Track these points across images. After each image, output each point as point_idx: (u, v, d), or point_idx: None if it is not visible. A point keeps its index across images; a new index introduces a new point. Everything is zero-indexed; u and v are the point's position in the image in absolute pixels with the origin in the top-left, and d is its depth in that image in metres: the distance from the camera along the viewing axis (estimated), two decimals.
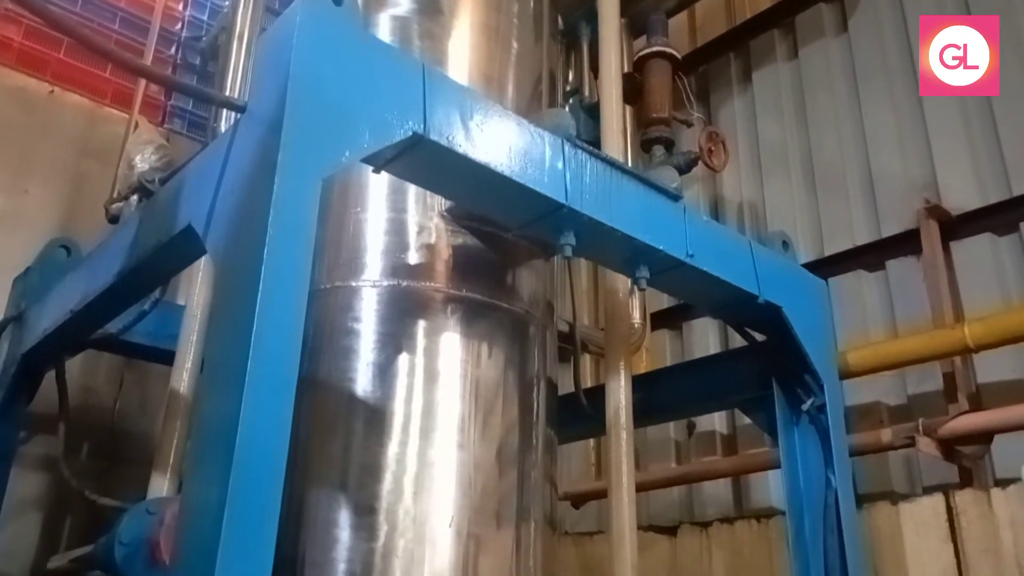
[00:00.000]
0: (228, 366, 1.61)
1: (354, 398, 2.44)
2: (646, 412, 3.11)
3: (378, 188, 2.69)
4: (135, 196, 3.18)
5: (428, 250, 2.64)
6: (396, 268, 2.60)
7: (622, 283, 2.97)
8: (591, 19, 3.71)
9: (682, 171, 3.38)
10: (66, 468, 3.19)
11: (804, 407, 2.94)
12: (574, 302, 3.45)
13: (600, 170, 2.37)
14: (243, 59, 3.51)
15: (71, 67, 4.64)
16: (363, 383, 2.46)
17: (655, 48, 3.72)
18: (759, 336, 3.07)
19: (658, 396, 3.47)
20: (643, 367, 4.06)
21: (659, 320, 4.68)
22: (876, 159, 4.12)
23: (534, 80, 3.24)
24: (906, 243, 3.85)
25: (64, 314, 2.82)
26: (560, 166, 2.26)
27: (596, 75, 3.62)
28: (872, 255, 4.03)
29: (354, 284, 2.59)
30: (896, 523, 3.40)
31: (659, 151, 3.57)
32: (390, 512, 2.31)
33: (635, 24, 4.20)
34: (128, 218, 2.91)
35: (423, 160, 2.05)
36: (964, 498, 3.26)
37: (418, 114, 1.95)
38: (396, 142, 1.92)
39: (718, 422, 4.42)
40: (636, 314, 3.81)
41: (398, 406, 2.44)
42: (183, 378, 2.88)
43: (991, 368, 3.42)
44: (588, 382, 3.82)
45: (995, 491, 3.20)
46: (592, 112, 3.54)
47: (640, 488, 2.91)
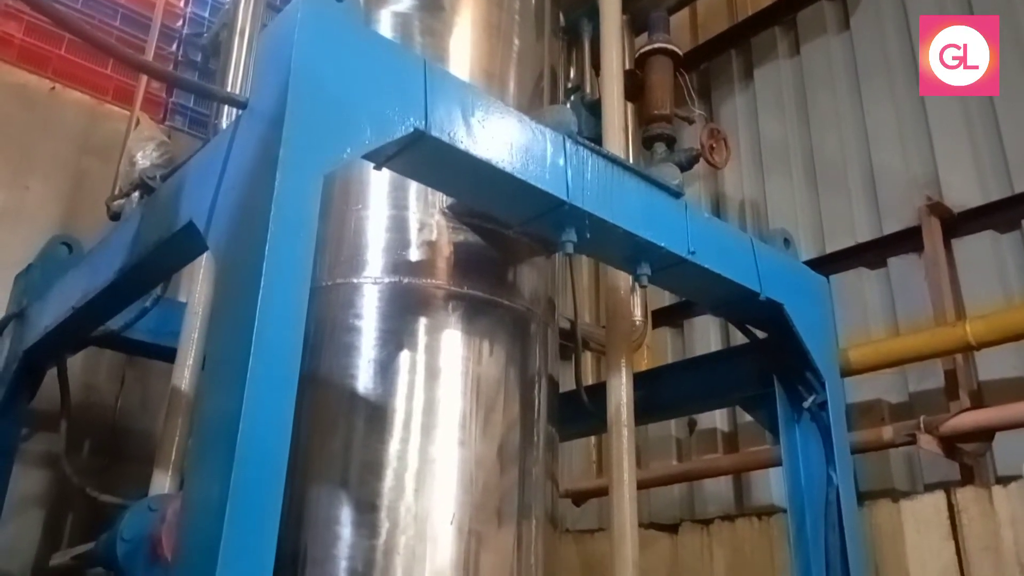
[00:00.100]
0: (229, 363, 1.61)
1: (355, 395, 2.44)
2: (647, 409, 3.11)
3: (379, 185, 2.69)
4: (136, 193, 3.18)
5: (429, 247, 2.64)
6: (397, 265, 2.60)
7: (623, 280, 2.96)
8: (592, 16, 3.71)
9: (683, 168, 3.38)
10: (68, 465, 3.19)
11: (805, 404, 2.94)
12: (575, 299, 3.45)
13: (601, 167, 2.37)
14: (244, 55, 3.51)
15: (72, 64, 4.64)
16: (364, 380, 2.46)
17: (656, 45, 3.72)
18: (760, 333, 3.06)
19: (659, 393, 3.46)
20: (644, 364, 4.06)
21: (660, 317, 4.68)
22: (878, 156, 4.11)
23: (535, 77, 3.24)
24: (908, 240, 3.84)
25: (65, 311, 2.82)
26: (561, 163, 2.25)
27: (597, 72, 3.62)
28: (873, 252, 4.02)
29: (355, 281, 2.59)
30: (897, 520, 3.40)
31: (660, 148, 3.57)
32: (391, 509, 2.31)
33: (636, 21, 4.19)
34: (129, 215, 2.91)
35: (424, 156, 2.05)
36: (965, 496, 3.26)
37: (419, 110, 1.95)
38: (397, 138, 1.92)
39: (719, 419, 4.42)
40: (637, 311, 3.80)
41: (399, 403, 2.44)
42: (184, 375, 2.88)
43: (992, 365, 3.42)
44: (589, 379, 3.82)
45: (996, 489, 3.20)
46: (593, 109, 3.54)
47: (641, 486, 2.91)
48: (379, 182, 2.68)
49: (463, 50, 3.01)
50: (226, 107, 3.30)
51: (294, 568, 2.27)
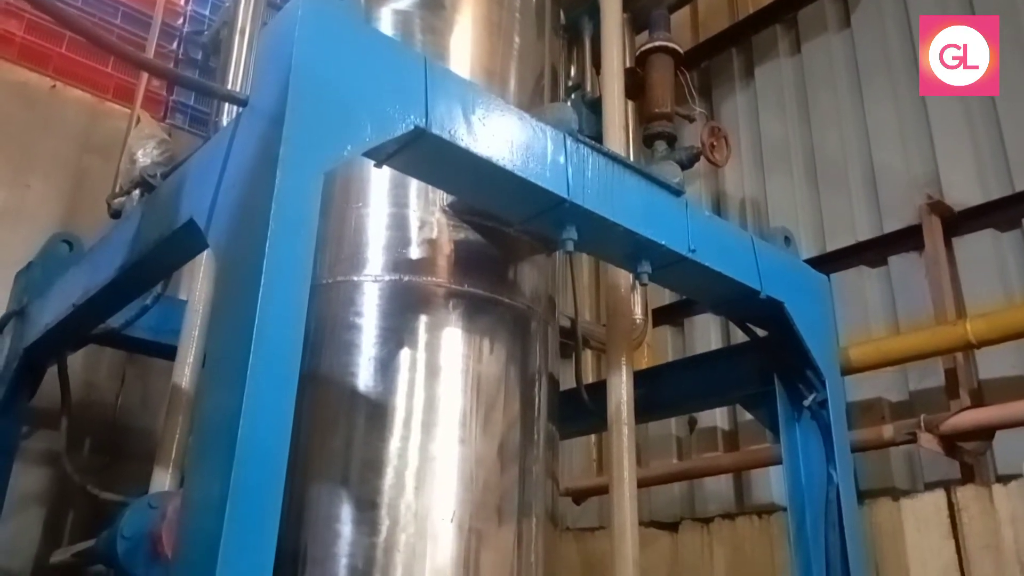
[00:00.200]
0: (230, 361, 1.61)
1: (356, 393, 2.44)
2: (647, 408, 3.11)
3: (379, 183, 2.69)
4: (137, 191, 3.18)
5: (430, 245, 2.64)
6: (398, 263, 2.60)
7: (624, 278, 2.96)
8: (593, 14, 3.71)
9: (684, 166, 3.38)
10: (68, 463, 3.19)
11: (806, 403, 2.94)
12: (576, 297, 3.45)
13: (602, 165, 2.37)
14: (245, 54, 3.50)
15: (73, 62, 4.64)
16: (365, 378, 2.46)
17: (657, 43, 3.71)
18: (761, 332, 3.06)
19: (659, 392, 3.46)
20: (645, 363, 4.05)
21: (661, 316, 4.68)
22: (878, 154, 4.11)
23: (536, 75, 3.23)
24: (908, 239, 3.84)
25: (66, 308, 2.82)
26: (562, 160, 2.25)
27: (598, 70, 3.62)
28: (874, 251, 4.02)
29: (356, 279, 2.59)
30: (897, 519, 3.40)
31: (661, 146, 3.56)
32: (392, 507, 2.31)
33: (637, 19, 4.19)
34: (130, 213, 2.91)
35: (425, 154, 2.05)
36: (965, 494, 3.26)
37: (420, 108, 1.95)
38: (398, 136, 1.92)
39: (719, 418, 4.42)
40: (638, 310, 3.80)
41: (400, 401, 2.44)
42: (185, 373, 2.88)
43: (993, 364, 3.42)
44: (589, 378, 3.82)
45: (996, 487, 3.20)
46: (594, 107, 3.54)
47: (641, 484, 2.91)
48: (379, 180, 2.68)
49: (464, 48, 3.01)
50: (226, 105, 3.31)
51: (294, 565, 2.27)
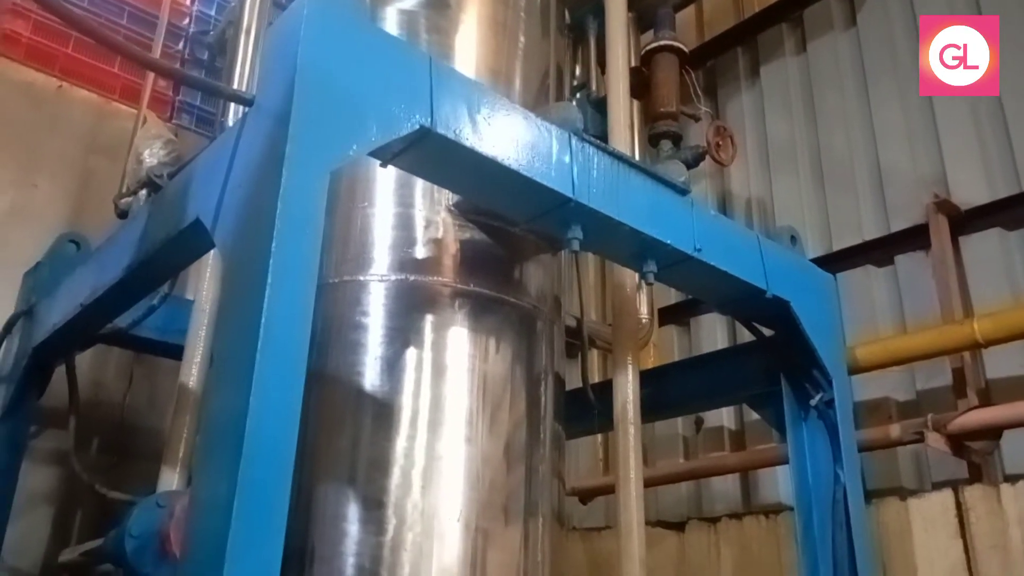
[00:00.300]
0: (237, 360, 1.62)
1: (362, 392, 2.45)
2: (654, 407, 3.11)
3: (385, 183, 2.69)
4: (144, 191, 3.18)
5: (435, 245, 2.64)
6: (404, 262, 2.61)
7: (630, 278, 2.96)
8: (598, 13, 3.70)
9: (690, 165, 3.36)
10: (76, 462, 3.20)
11: (812, 402, 2.93)
12: (581, 297, 3.44)
13: (607, 164, 2.37)
14: (251, 53, 3.50)
15: (79, 62, 4.65)
16: (371, 377, 2.46)
17: (662, 42, 3.69)
18: (767, 331, 3.06)
19: (666, 391, 3.46)
20: (651, 362, 4.05)
21: (667, 316, 4.67)
22: (885, 153, 4.10)
23: (541, 74, 3.23)
24: (915, 238, 3.83)
25: (74, 308, 2.83)
26: (567, 160, 2.25)
27: (603, 70, 3.61)
28: (881, 250, 4.01)
29: (362, 278, 2.59)
30: (905, 519, 3.40)
31: (666, 145, 3.54)
32: (398, 506, 2.31)
33: (642, 18, 4.18)
34: (137, 212, 2.92)
35: (430, 154, 2.05)
36: (973, 494, 3.25)
37: (425, 107, 1.95)
38: (403, 135, 1.92)
39: (726, 418, 4.42)
40: (644, 309, 3.79)
41: (406, 400, 2.44)
42: (192, 372, 2.88)
43: (1000, 363, 3.40)
44: (596, 377, 3.82)
45: (1004, 487, 3.20)
46: (599, 107, 3.53)
47: (648, 484, 2.91)
48: (385, 179, 2.68)
49: (469, 47, 3.01)
50: (232, 105, 3.31)
51: (301, 564, 2.27)
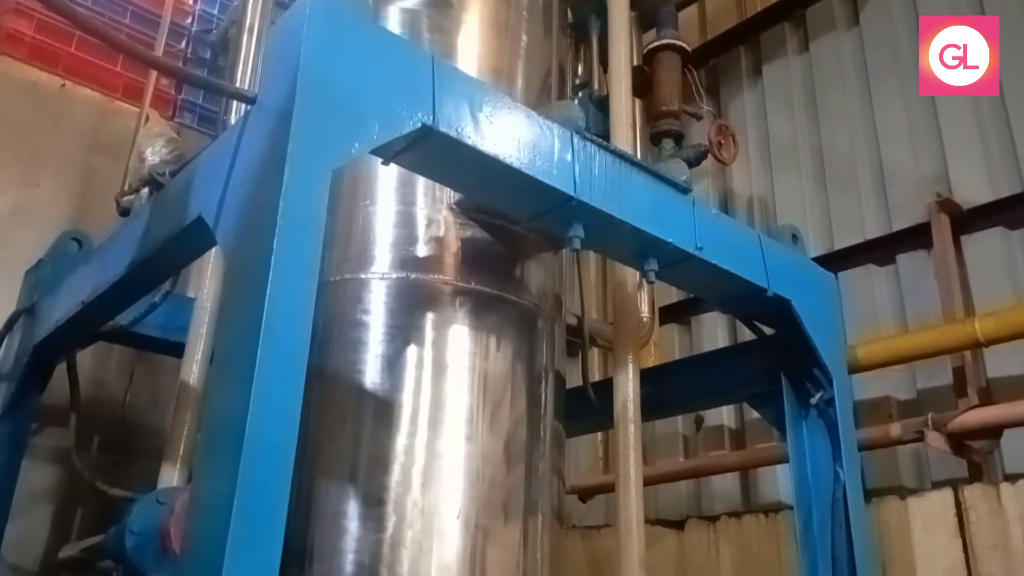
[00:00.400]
0: (238, 358, 1.62)
1: (363, 390, 2.45)
2: (654, 406, 3.11)
3: (387, 181, 2.70)
4: (146, 189, 3.19)
5: (437, 243, 2.64)
6: (405, 261, 2.61)
7: (631, 276, 2.97)
8: (600, 12, 3.70)
9: (691, 164, 3.36)
10: (77, 460, 3.21)
11: (813, 401, 2.93)
12: (582, 295, 3.45)
13: (609, 162, 2.37)
14: (253, 52, 3.51)
15: (82, 61, 4.65)
16: (372, 375, 2.47)
17: (665, 41, 3.69)
18: (768, 330, 3.06)
19: (666, 390, 3.46)
20: (651, 361, 4.05)
21: (667, 314, 4.67)
22: (887, 152, 4.10)
23: (543, 73, 3.24)
24: (917, 237, 3.83)
25: (76, 306, 2.84)
26: (569, 158, 2.25)
27: (605, 68, 3.61)
28: (882, 249, 4.01)
29: (363, 276, 2.59)
30: (905, 518, 3.40)
31: (668, 144, 3.55)
32: (398, 503, 2.32)
33: (644, 17, 4.18)
34: (139, 211, 2.92)
35: (432, 152, 2.06)
36: (973, 493, 3.25)
37: (427, 106, 1.95)
38: (405, 134, 1.92)
39: (726, 416, 4.42)
40: (645, 308, 3.80)
41: (407, 398, 2.44)
42: (193, 370, 2.90)
43: (1001, 363, 3.40)
44: (596, 376, 3.83)
45: (1004, 486, 3.19)
46: (601, 105, 3.53)
47: (648, 482, 2.91)
48: (387, 178, 2.68)
49: (471, 46, 3.01)
50: (235, 103, 3.32)
51: (301, 561, 2.28)
